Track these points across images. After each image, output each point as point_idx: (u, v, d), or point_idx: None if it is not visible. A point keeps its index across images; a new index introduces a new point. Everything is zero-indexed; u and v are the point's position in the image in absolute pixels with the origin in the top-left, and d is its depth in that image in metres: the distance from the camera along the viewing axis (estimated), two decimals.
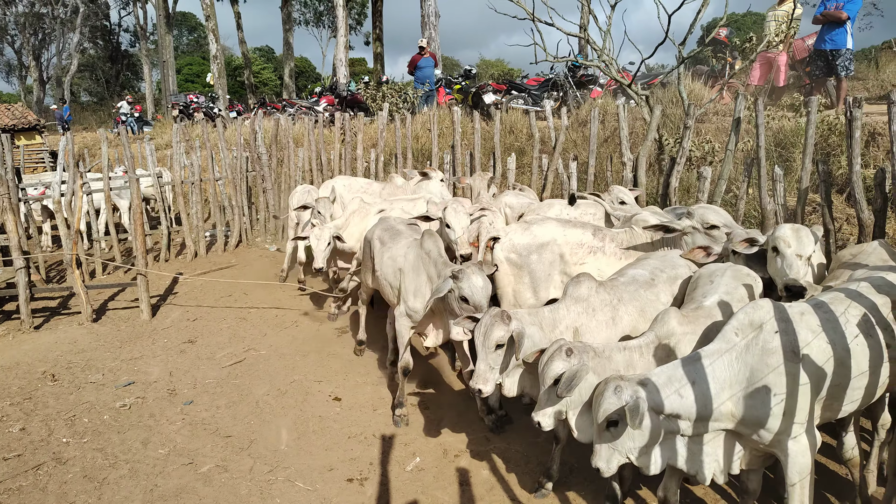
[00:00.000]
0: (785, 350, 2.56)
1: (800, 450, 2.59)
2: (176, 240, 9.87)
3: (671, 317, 3.00)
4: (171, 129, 11.08)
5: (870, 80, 11.42)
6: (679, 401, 2.57)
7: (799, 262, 3.19)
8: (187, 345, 6.06)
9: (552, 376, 2.77)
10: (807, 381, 2.56)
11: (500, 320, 3.13)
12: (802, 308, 2.74)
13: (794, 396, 2.55)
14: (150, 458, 4.11)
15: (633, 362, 2.92)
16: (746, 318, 2.67)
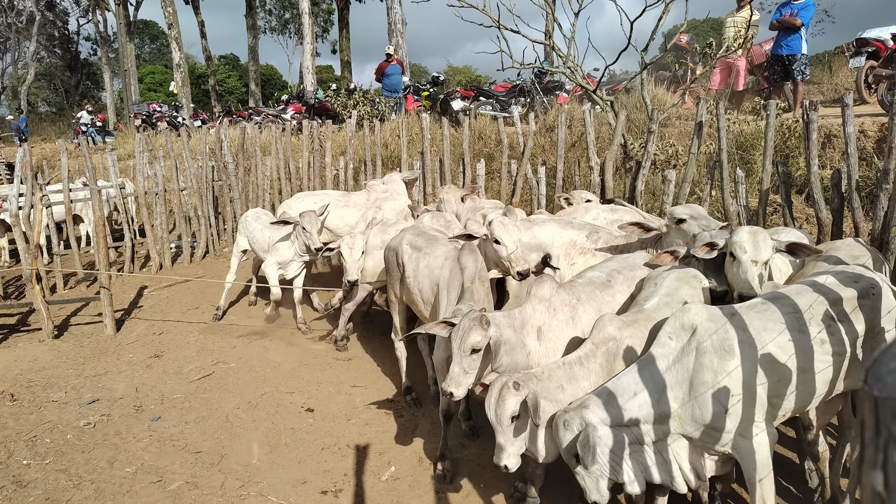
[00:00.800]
0: (718, 349, 2.62)
1: (753, 448, 2.62)
2: (140, 252, 9.66)
3: (606, 322, 3.04)
4: (134, 139, 10.85)
5: (824, 83, 11.81)
6: (621, 413, 2.65)
7: (754, 268, 3.20)
8: (154, 359, 5.92)
9: (509, 415, 2.74)
10: (744, 379, 2.60)
11: (478, 325, 3.10)
12: (733, 309, 2.79)
13: (735, 395, 2.59)
14: (117, 478, 3.99)
15: (574, 374, 2.94)
16: (678, 322, 2.73)
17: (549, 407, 2.81)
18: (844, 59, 11.69)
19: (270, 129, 11.18)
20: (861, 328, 2.76)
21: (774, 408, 2.71)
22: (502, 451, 2.82)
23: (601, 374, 2.96)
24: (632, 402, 2.66)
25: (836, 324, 2.72)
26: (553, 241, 4.44)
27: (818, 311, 2.74)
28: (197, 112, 23.86)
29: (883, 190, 4.41)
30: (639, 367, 2.75)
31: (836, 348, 2.71)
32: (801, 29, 8.64)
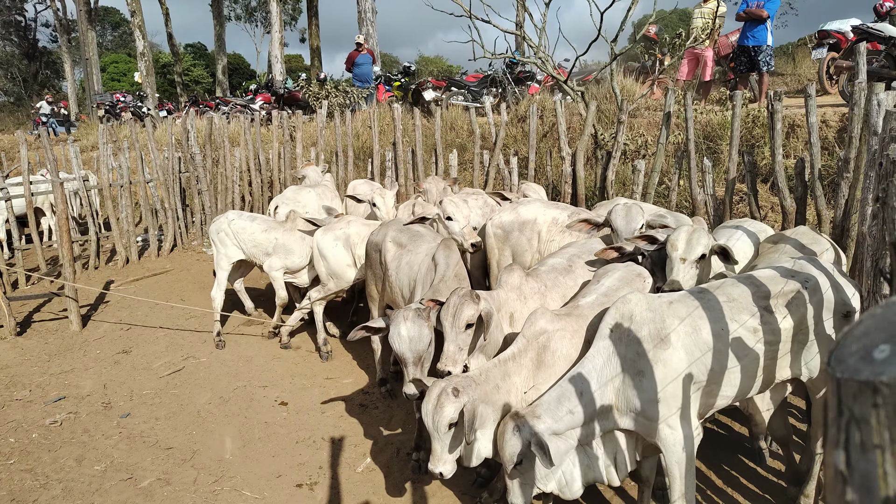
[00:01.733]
0: (653, 338, 2.65)
1: (677, 437, 2.65)
2: (106, 246, 9.43)
3: (539, 316, 3.03)
4: (97, 129, 10.56)
5: (788, 75, 12.07)
6: (571, 417, 2.65)
7: (681, 265, 3.22)
8: (122, 355, 5.81)
9: (447, 423, 2.69)
10: (677, 367, 2.62)
11: (469, 300, 3.08)
12: (673, 297, 2.82)
13: (669, 383, 2.62)
14: (86, 476, 3.92)
15: (507, 371, 2.91)
16: (617, 313, 2.76)
17: (486, 410, 2.78)
18: (807, 51, 11.96)
19: (239, 119, 10.99)
20: (795, 320, 2.76)
21: (710, 396, 2.73)
22: (438, 458, 2.74)
23: (531, 368, 2.96)
24: (579, 401, 2.68)
25: (770, 315, 2.73)
26: (536, 219, 4.57)
27: (754, 301, 2.76)
28: (162, 102, 23.31)
29: (844, 178, 4.53)
30: (583, 363, 2.76)
31: (769, 338, 2.73)
32: (767, 20, 8.81)
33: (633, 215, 3.87)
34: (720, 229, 4.20)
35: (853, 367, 0.59)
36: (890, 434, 0.56)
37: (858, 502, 0.58)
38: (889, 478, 0.56)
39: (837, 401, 0.61)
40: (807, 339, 2.81)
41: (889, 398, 0.55)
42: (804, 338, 2.80)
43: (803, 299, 2.78)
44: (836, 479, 0.61)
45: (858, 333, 0.62)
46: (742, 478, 3.67)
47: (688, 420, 2.67)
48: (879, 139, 3.07)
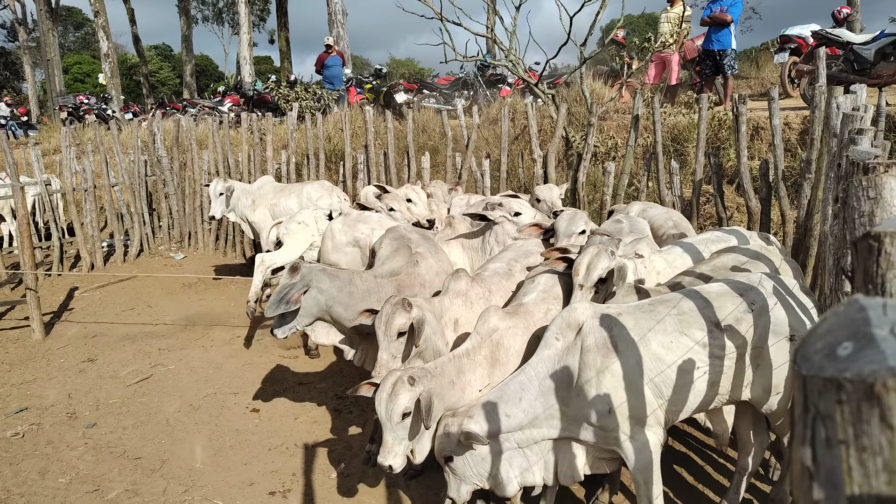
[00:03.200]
0: (600, 347, 2.64)
1: (637, 447, 2.65)
2: (69, 252, 9.19)
3: (491, 314, 3.08)
4: (60, 132, 10.29)
5: (752, 78, 12.37)
6: (508, 420, 2.68)
7: (578, 291, 3.19)
8: (87, 364, 5.66)
9: (400, 412, 2.67)
10: (628, 378, 2.61)
11: (401, 307, 3.12)
12: (622, 308, 2.80)
13: (620, 393, 2.61)
14: (50, 489, 3.80)
15: (462, 368, 2.96)
16: (564, 322, 2.76)
17: (439, 404, 2.79)
18: (770, 55, 12.27)
19: (207, 121, 10.83)
20: (744, 338, 2.72)
21: (661, 409, 2.71)
22: (388, 450, 2.71)
23: (485, 366, 3.00)
24: (517, 407, 2.69)
25: (720, 331, 2.69)
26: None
27: (704, 317, 2.72)
28: (128, 104, 22.85)
29: (806, 179, 4.66)
30: (525, 370, 2.77)
31: (718, 353, 2.70)
32: (731, 25, 9.01)
33: (575, 220, 3.94)
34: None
35: (818, 364, 0.60)
36: (854, 430, 0.57)
37: (825, 497, 0.59)
38: (854, 472, 0.57)
39: (803, 398, 0.62)
40: (757, 361, 2.75)
41: (853, 394, 0.56)
42: (753, 359, 2.75)
43: (750, 319, 2.72)
44: (803, 475, 0.62)
45: (822, 331, 0.64)
46: (717, 474, 3.73)
47: (648, 428, 2.66)
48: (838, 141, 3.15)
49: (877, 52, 8.19)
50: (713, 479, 3.70)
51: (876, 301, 0.63)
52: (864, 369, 0.56)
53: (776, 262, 3.44)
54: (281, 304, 3.45)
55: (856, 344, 0.59)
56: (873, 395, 0.55)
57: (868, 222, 1.70)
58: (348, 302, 3.61)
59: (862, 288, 0.98)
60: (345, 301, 3.60)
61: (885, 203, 1.66)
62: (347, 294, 3.62)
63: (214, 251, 9.20)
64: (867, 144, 2.53)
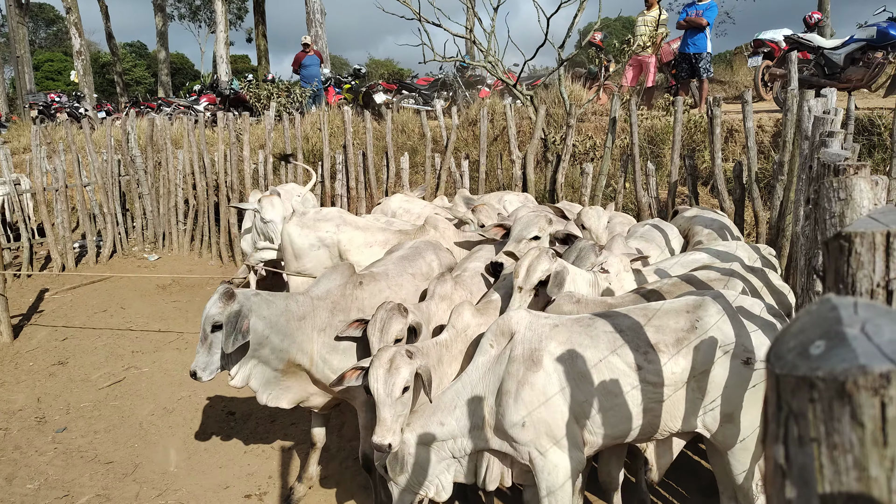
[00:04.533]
0: (526, 359, 2.55)
1: (548, 466, 2.54)
2: (40, 253, 8.98)
3: (465, 310, 3.10)
4: (30, 131, 10.05)
5: (726, 82, 12.57)
6: (442, 429, 2.67)
7: (517, 294, 3.10)
8: (57, 367, 5.53)
9: (402, 384, 2.60)
10: (546, 392, 2.51)
11: (397, 313, 3.08)
12: (560, 320, 2.68)
13: (538, 408, 2.50)
14: (17, 496, 3.71)
15: (442, 357, 2.98)
16: (498, 329, 2.69)
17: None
18: (744, 59, 12.48)
19: (182, 120, 10.67)
20: (685, 364, 2.49)
21: (582, 429, 2.58)
22: (388, 428, 2.58)
23: (459, 360, 3.02)
24: (451, 416, 2.66)
25: (656, 353, 2.50)
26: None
27: (639, 335, 2.54)
28: (101, 103, 22.42)
29: (779, 181, 4.74)
30: (462, 377, 2.74)
31: (651, 378, 2.49)
32: (707, 28, 9.15)
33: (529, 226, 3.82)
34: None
35: (791, 362, 0.60)
36: (826, 428, 0.57)
37: (797, 495, 0.59)
38: (825, 470, 0.58)
39: (776, 396, 0.62)
40: (704, 387, 2.50)
41: (825, 393, 0.57)
42: (699, 384, 2.50)
43: (693, 339, 2.50)
44: (775, 473, 0.62)
45: (795, 330, 0.64)
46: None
47: (563, 448, 2.54)
48: (810, 143, 3.22)
49: (846, 56, 8.38)
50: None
51: (847, 300, 0.63)
52: (835, 368, 0.56)
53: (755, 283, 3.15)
54: (238, 336, 2.97)
55: (828, 343, 0.59)
56: (845, 394, 0.56)
57: (839, 223, 1.73)
58: (286, 329, 3.19)
59: (833, 287, 1.00)
60: (282, 328, 3.17)
61: (855, 204, 1.69)
62: (285, 320, 3.20)
63: (189, 252, 9.06)
64: (837, 147, 2.58)
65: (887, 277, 0.94)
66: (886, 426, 0.55)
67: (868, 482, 0.56)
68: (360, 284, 3.55)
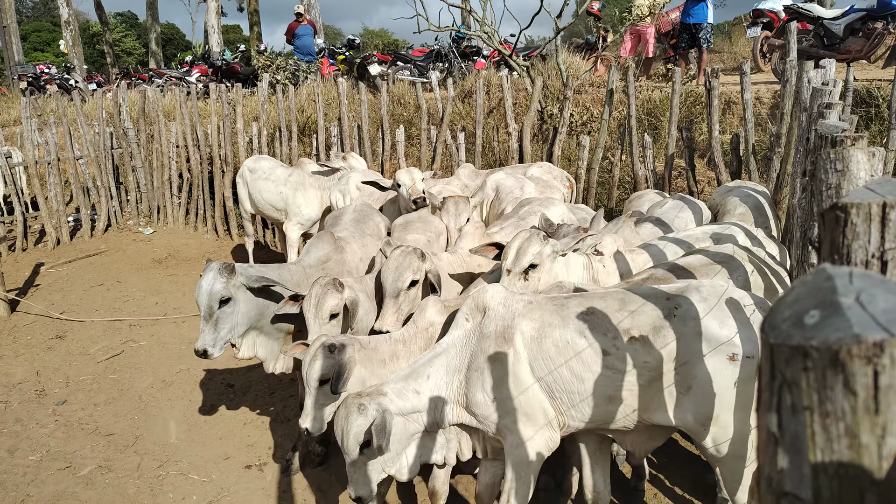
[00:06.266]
0: (497, 336, 2.51)
1: (516, 442, 2.50)
2: (34, 227, 8.93)
3: (429, 306, 3.01)
4: (20, 103, 9.91)
5: (725, 53, 12.44)
6: (418, 398, 2.56)
7: (506, 277, 3.00)
8: (55, 340, 5.55)
9: (316, 377, 2.65)
10: (515, 371, 2.48)
11: (332, 288, 3.06)
12: (534, 298, 2.63)
13: (507, 386, 2.47)
14: (19, 467, 3.75)
15: (397, 353, 2.91)
16: (473, 302, 2.64)
17: (369, 377, 2.76)
18: (743, 30, 12.32)
19: (174, 92, 10.53)
20: (658, 353, 2.36)
21: (555, 411, 2.53)
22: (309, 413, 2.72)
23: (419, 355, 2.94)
24: (425, 384, 2.59)
25: (624, 338, 2.39)
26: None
27: (613, 320, 2.43)
28: (91, 74, 22.07)
29: (776, 153, 4.73)
30: (436, 348, 2.67)
31: (618, 365, 2.39)
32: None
33: (399, 272, 3.38)
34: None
35: (785, 332, 0.61)
36: (819, 396, 0.58)
37: (788, 462, 0.61)
38: (817, 437, 0.59)
39: (770, 365, 0.63)
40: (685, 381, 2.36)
41: (818, 362, 0.58)
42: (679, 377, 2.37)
43: (670, 329, 2.36)
44: (768, 441, 0.63)
45: (790, 300, 0.65)
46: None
47: (533, 426, 2.51)
48: (808, 115, 3.20)
49: (846, 27, 8.28)
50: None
51: (843, 270, 0.64)
52: (829, 337, 0.57)
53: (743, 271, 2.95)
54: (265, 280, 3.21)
55: (822, 312, 0.60)
56: (838, 362, 0.57)
57: (835, 194, 1.73)
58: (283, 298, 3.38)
59: (828, 258, 1.00)
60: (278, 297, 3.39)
61: (852, 175, 1.69)
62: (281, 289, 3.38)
63: (185, 226, 9.03)
64: (835, 118, 2.57)
65: (882, 248, 0.95)
66: (878, 394, 0.56)
67: (859, 449, 0.58)
68: (342, 249, 3.76)
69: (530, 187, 4.91)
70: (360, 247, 3.96)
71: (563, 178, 5.58)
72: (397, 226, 4.21)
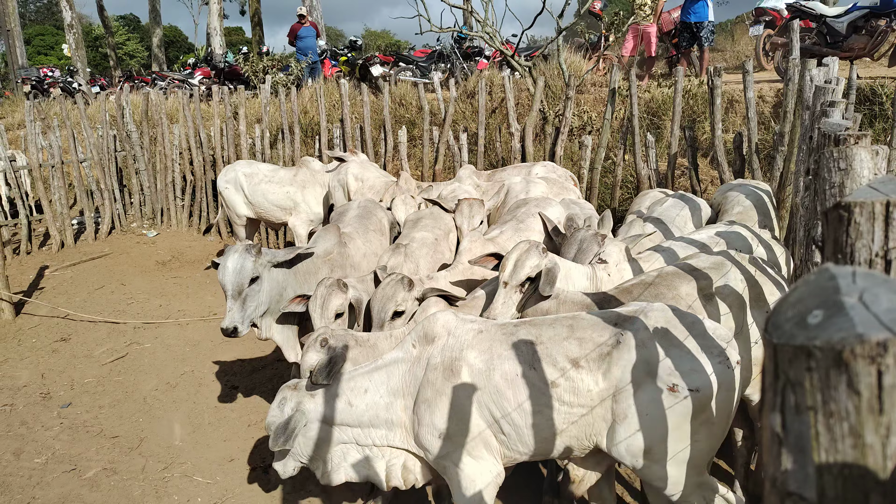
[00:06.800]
0: (444, 367, 2.45)
1: (464, 480, 2.44)
2: (38, 230, 8.96)
3: (432, 307, 3.05)
4: (23, 106, 9.95)
5: (727, 51, 12.41)
6: (349, 410, 2.54)
7: (502, 289, 2.92)
8: (60, 343, 5.57)
9: (307, 369, 2.69)
10: (462, 404, 2.41)
11: (336, 289, 3.17)
12: (484, 326, 2.55)
13: (453, 418, 2.41)
14: (25, 469, 3.76)
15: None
16: (423, 330, 2.58)
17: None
18: (745, 28, 12.30)
19: (177, 94, 10.55)
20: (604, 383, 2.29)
21: (501, 444, 2.46)
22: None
23: None
24: (361, 398, 2.55)
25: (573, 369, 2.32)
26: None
27: (561, 349, 2.36)
28: (94, 77, 22.13)
29: (779, 152, 4.71)
30: (379, 365, 2.62)
31: (567, 398, 2.32)
32: None
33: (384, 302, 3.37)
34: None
35: (789, 332, 0.61)
36: (822, 396, 0.58)
37: (793, 462, 0.61)
38: (821, 437, 0.59)
39: (774, 366, 0.63)
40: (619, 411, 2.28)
41: (822, 361, 0.57)
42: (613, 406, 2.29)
43: (614, 357, 2.29)
44: (772, 441, 0.63)
45: (793, 300, 0.64)
46: None
47: (480, 461, 2.45)
48: (811, 113, 3.19)
49: (849, 25, 8.26)
50: None
51: (846, 269, 0.64)
52: (833, 337, 0.57)
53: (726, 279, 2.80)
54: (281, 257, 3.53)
55: (826, 312, 0.59)
56: (841, 362, 0.56)
57: (839, 193, 1.72)
58: (295, 283, 3.64)
59: (832, 257, 1.00)
60: (292, 282, 3.63)
61: (856, 174, 1.69)
62: (293, 277, 3.65)
63: (188, 228, 9.05)
64: (838, 117, 2.56)
65: (886, 247, 0.95)
66: (882, 394, 0.56)
67: (863, 449, 0.57)
68: (345, 244, 3.97)
69: (536, 189, 4.91)
70: (363, 242, 4.13)
71: (566, 177, 5.59)
72: (408, 222, 4.35)
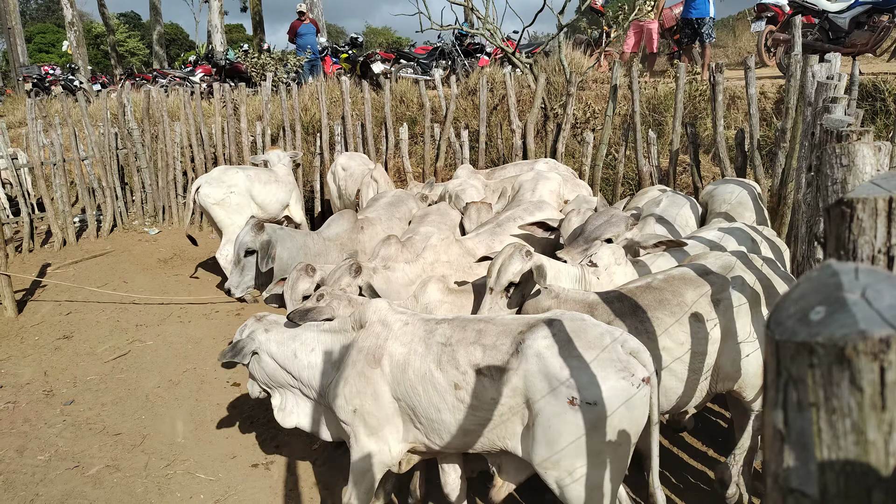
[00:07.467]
0: (368, 353, 2.64)
1: (360, 451, 2.69)
2: (40, 228, 8.97)
3: (430, 284, 3.21)
4: (25, 104, 9.95)
5: (729, 47, 12.38)
6: (293, 362, 2.91)
7: (488, 296, 2.99)
8: (63, 341, 5.58)
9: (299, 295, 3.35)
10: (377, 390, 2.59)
11: (304, 273, 3.43)
12: (410, 319, 2.68)
13: (365, 400, 2.62)
14: (28, 467, 3.78)
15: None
16: (359, 315, 2.79)
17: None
18: (747, 24, 12.26)
19: (178, 92, 10.56)
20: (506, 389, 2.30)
21: (418, 431, 2.63)
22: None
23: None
24: (305, 354, 2.89)
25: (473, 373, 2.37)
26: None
27: (465, 353, 2.42)
28: (95, 75, 22.10)
29: (781, 148, 4.70)
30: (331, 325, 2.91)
31: (469, 400, 2.38)
32: None
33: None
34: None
35: (791, 329, 0.61)
36: (825, 393, 0.58)
37: (795, 458, 0.61)
38: (823, 434, 0.59)
39: (776, 362, 0.63)
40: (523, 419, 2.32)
41: (824, 358, 0.57)
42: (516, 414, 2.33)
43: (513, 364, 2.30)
44: (774, 438, 0.63)
45: (795, 296, 0.64)
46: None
47: (379, 441, 2.67)
48: (813, 109, 3.18)
49: (851, 20, 8.23)
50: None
51: (848, 266, 0.63)
52: (835, 333, 0.57)
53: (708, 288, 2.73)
54: (268, 260, 3.86)
55: (828, 308, 0.59)
56: (844, 359, 0.56)
57: (841, 189, 1.72)
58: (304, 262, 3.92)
59: (834, 254, 1.00)
60: (301, 260, 3.86)
61: (858, 170, 1.68)
62: (304, 254, 3.93)
63: (190, 225, 9.05)
64: (841, 113, 2.55)
65: (889, 243, 0.95)
66: (885, 390, 0.56)
67: (866, 446, 0.57)
68: (361, 229, 4.22)
69: (547, 187, 4.90)
70: (384, 229, 4.36)
71: (568, 174, 5.59)
72: (416, 217, 4.51)
